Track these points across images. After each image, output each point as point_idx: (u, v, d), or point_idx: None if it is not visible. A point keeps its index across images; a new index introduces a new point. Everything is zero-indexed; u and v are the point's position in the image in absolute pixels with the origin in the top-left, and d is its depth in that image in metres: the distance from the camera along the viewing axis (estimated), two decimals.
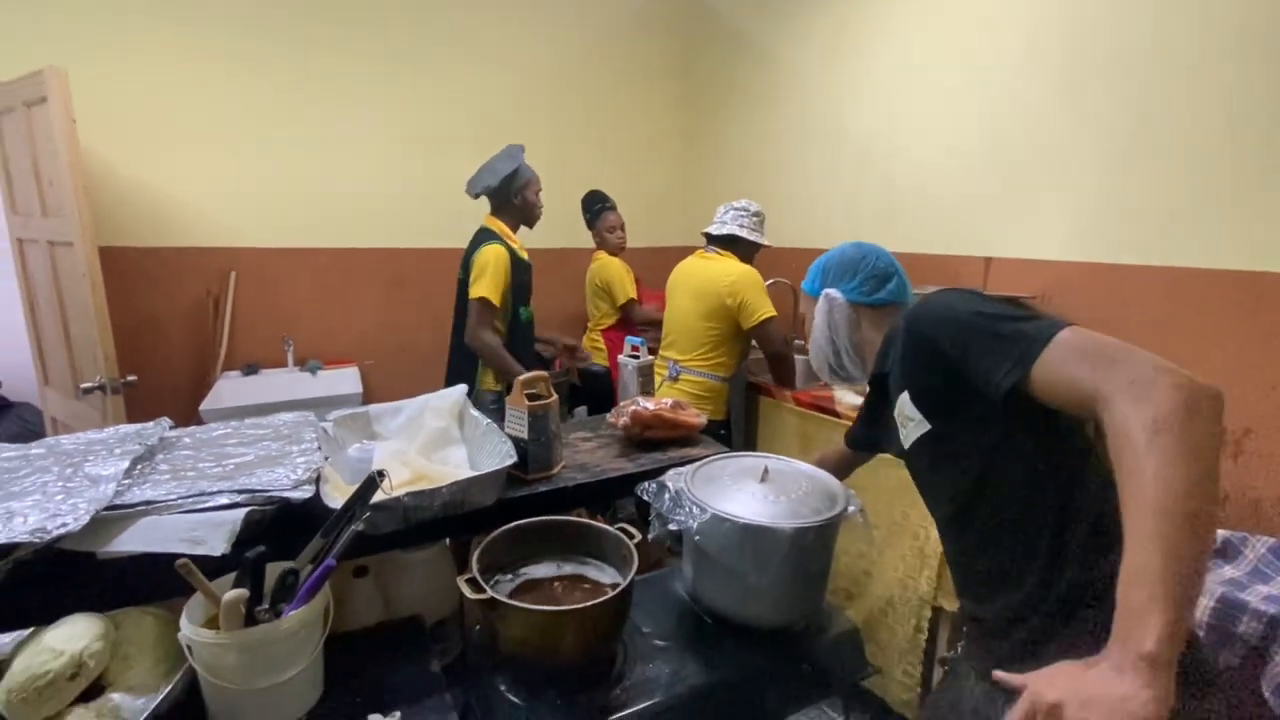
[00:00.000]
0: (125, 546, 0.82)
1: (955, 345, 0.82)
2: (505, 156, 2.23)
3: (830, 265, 1.13)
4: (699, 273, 2.22)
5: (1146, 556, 0.57)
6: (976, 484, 0.87)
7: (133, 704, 0.79)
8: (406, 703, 0.88)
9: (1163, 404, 0.61)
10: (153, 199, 2.48)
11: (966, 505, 0.90)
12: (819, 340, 1.11)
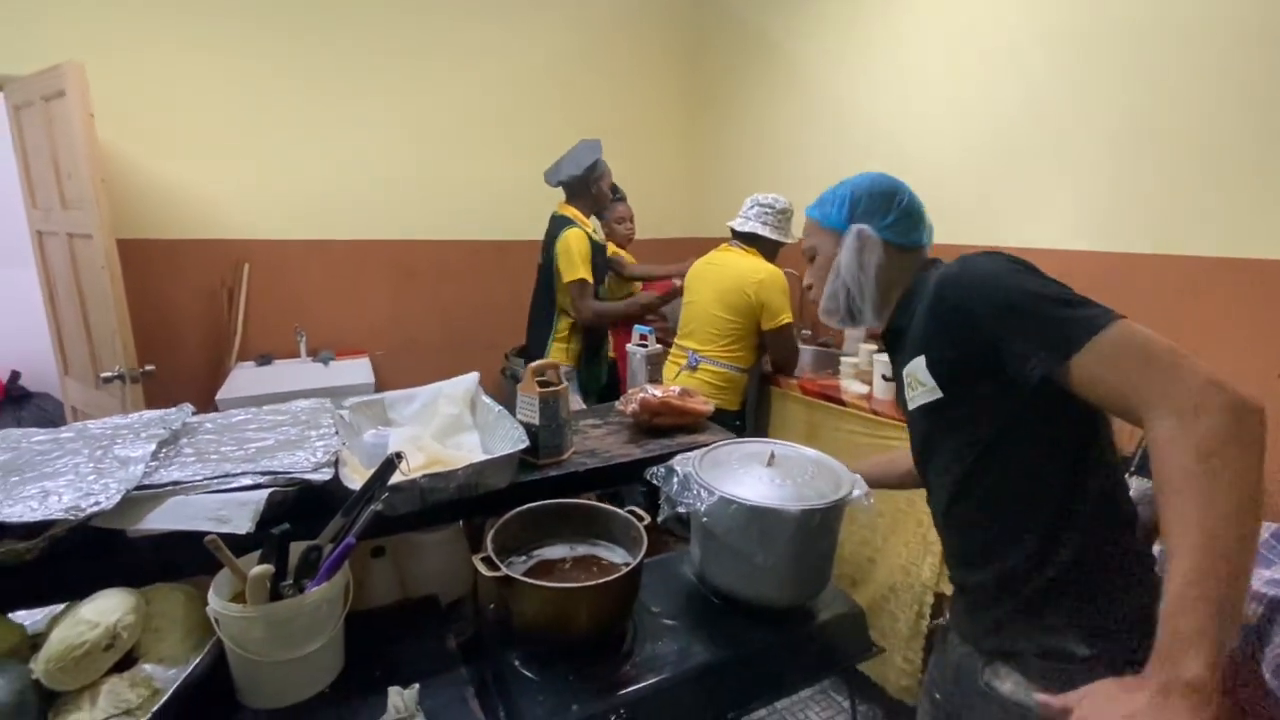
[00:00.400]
0: (154, 524, 0.85)
1: (992, 319, 0.77)
2: (586, 149, 2.42)
3: (860, 196, 0.99)
4: (727, 266, 2.22)
5: (1196, 581, 0.57)
6: (981, 457, 0.85)
7: (164, 674, 0.82)
8: (424, 677, 0.91)
9: (1214, 425, 0.60)
10: (167, 192, 2.52)
11: (966, 474, 0.87)
12: (843, 279, 0.98)
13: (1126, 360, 0.67)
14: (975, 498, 0.88)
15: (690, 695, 0.95)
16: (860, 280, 0.97)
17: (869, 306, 0.98)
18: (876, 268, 0.96)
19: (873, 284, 0.97)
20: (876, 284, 0.96)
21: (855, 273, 0.97)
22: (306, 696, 0.87)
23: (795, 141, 2.88)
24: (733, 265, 2.20)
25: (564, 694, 0.90)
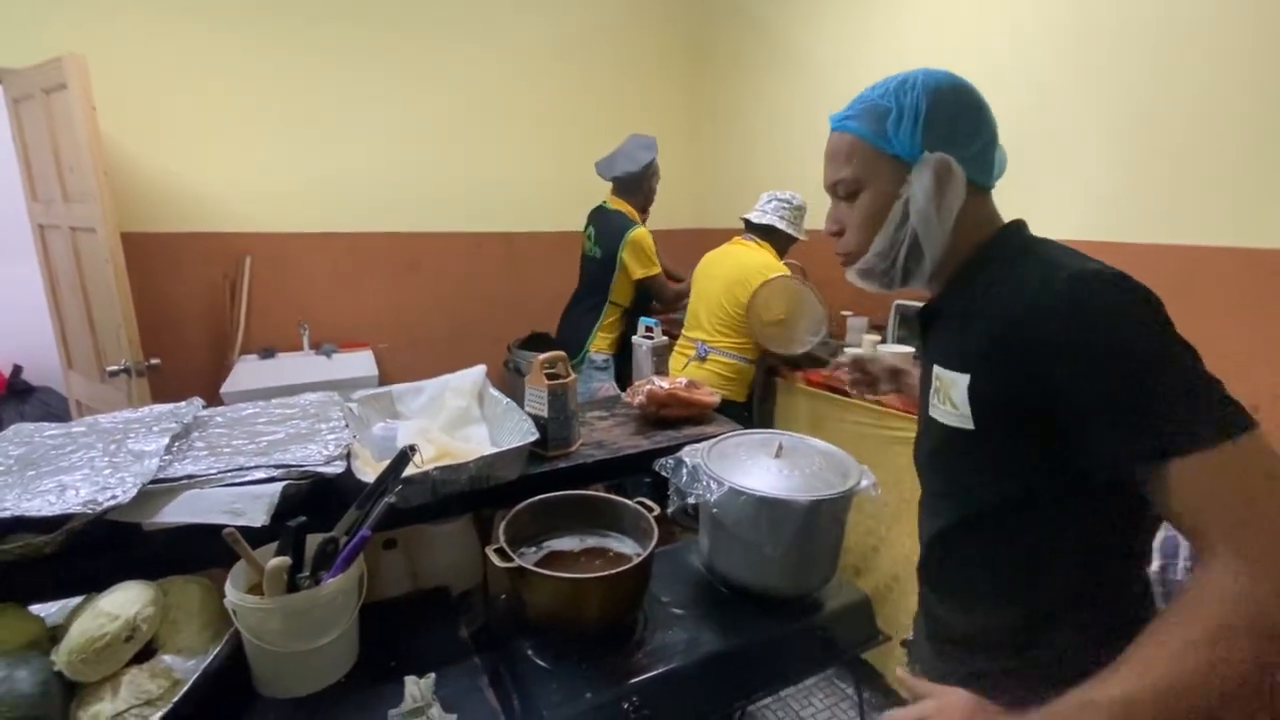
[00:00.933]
0: (170, 517, 0.86)
1: (1092, 387, 0.59)
2: (643, 146, 2.48)
3: (940, 109, 0.71)
4: (738, 259, 2.21)
5: (1144, 691, 0.53)
6: (999, 509, 0.72)
7: (183, 665, 0.83)
8: (438, 666, 0.92)
9: (1266, 607, 0.52)
10: (168, 185, 2.51)
11: (978, 515, 0.74)
12: (913, 228, 0.72)
13: (1232, 484, 0.54)
14: (977, 540, 0.75)
15: (700, 684, 0.97)
16: (934, 232, 0.72)
17: (929, 266, 0.75)
18: (954, 213, 0.72)
19: (948, 238, 0.73)
20: (945, 234, 0.73)
21: (930, 221, 0.71)
22: (323, 686, 0.88)
23: (803, 132, 2.88)
24: (743, 259, 2.20)
25: (577, 682, 0.91)
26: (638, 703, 0.90)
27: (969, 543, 0.77)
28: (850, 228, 0.78)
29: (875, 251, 0.76)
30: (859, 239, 0.77)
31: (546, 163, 3.24)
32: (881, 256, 0.76)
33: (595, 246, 2.49)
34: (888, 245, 0.75)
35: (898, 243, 0.74)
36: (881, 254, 0.76)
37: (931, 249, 0.73)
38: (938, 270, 0.77)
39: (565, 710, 0.87)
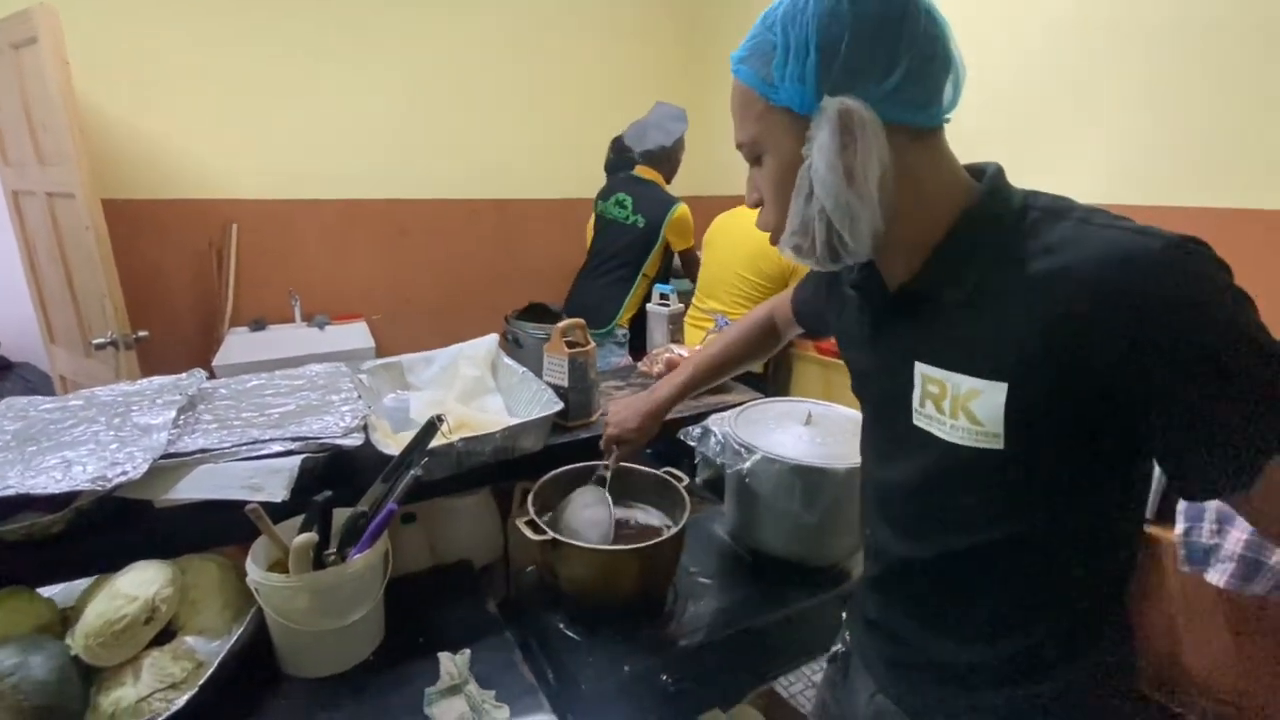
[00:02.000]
0: (185, 494, 0.82)
1: (1186, 379, 0.46)
2: (674, 117, 2.41)
3: (835, 37, 0.52)
4: (753, 226, 2.11)
5: None
6: (1027, 531, 0.58)
7: (206, 646, 0.80)
8: (468, 641, 0.90)
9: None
10: (147, 149, 2.39)
11: (991, 544, 0.59)
12: (823, 195, 0.55)
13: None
14: (983, 571, 0.61)
15: (734, 655, 0.95)
16: (851, 203, 0.54)
17: (862, 244, 0.57)
18: (880, 171, 0.53)
19: (880, 207, 0.55)
20: (876, 198, 0.54)
21: (839, 190, 0.54)
22: (351, 665, 0.86)
23: None
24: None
25: (613, 654, 0.89)
26: (674, 674, 0.88)
27: (973, 573, 0.62)
28: (765, 199, 0.62)
29: (791, 230, 0.59)
30: (775, 212, 0.61)
31: (541, 127, 3.13)
32: (801, 234, 0.58)
33: (635, 215, 2.38)
34: (800, 222, 0.58)
35: (809, 218, 0.57)
36: (799, 231, 0.58)
37: (855, 224, 0.55)
38: (891, 244, 0.59)
39: (604, 683, 0.85)
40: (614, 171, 2.71)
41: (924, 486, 0.63)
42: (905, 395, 0.61)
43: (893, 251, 0.60)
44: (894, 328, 0.64)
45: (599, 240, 2.48)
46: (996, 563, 0.60)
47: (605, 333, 2.35)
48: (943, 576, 0.64)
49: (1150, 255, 0.47)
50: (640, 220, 2.36)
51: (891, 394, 0.63)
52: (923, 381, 0.60)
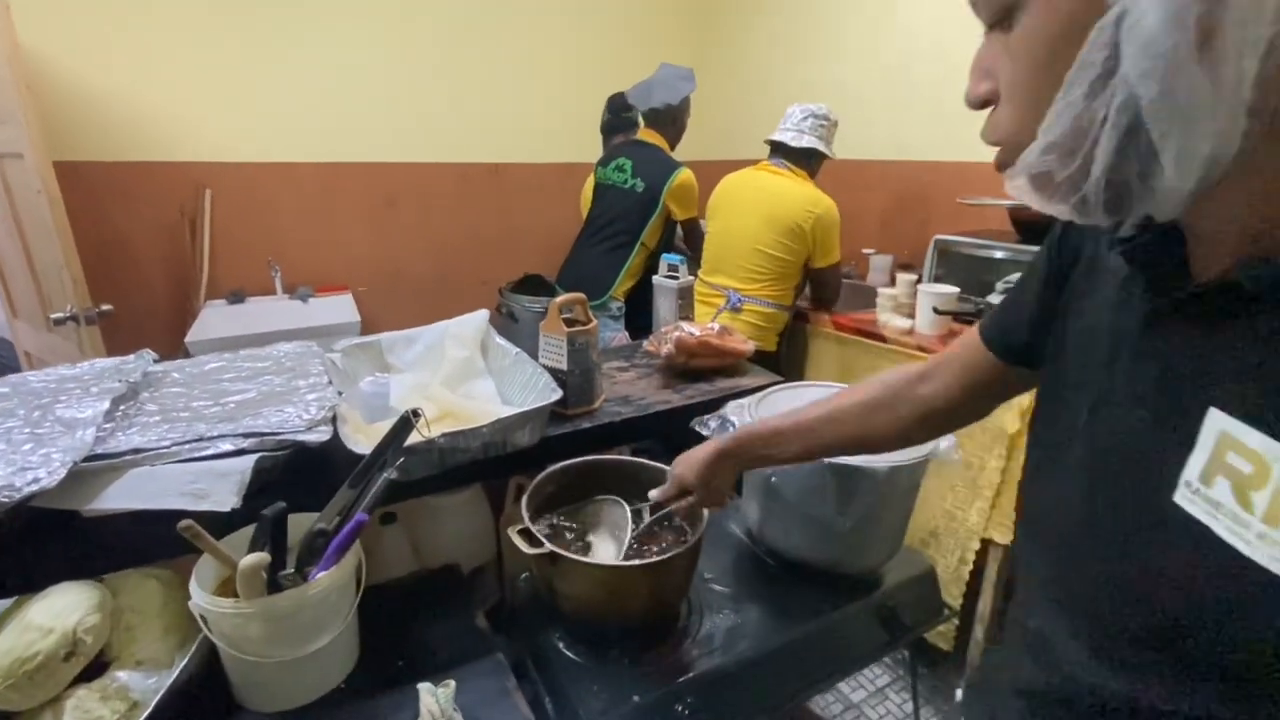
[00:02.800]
0: (113, 504, 0.68)
1: None
2: (682, 77, 2.26)
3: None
4: (775, 193, 1.91)
5: None
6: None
7: (143, 682, 0.68)
8: (455, 665, 0.79)
9: None
10: (108, 108, 2.20)
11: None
12: (1140, 76, 0.30)
13: None
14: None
15: (759, 677, 0.84)
16: (1191, 94, 0.29)
17: (1195, 166, 0.31)
18: (1263, 56, 0.28)
19: (1234, 102, 0.29)
20: (1247, 112, 0.29)
21: (1176, 65, 0.29)
22: (319, 695, 0.74)
23: (824, 50, 2.61)
24: (782, 192, 1.89)
25: (621, 681, 0.78)
26: (692, 703, 0.77)
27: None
28: (1006, 87, 0.38)
29: (1047, 140, 0.34)
30: (1019, 111, 0.37)
31: (539, 85, 2.93)
32: (1064, 149, 0.34)
33: (635, 179, 2.20)
34: (1070, 125, 0.33)
35: (1088, 119, 0.32)
36: (1062, 143, 0.34)
37: (1189, 133, 0.30)
38: (1229, 195, 0.33)
39: (609, 716, 0.74)
40: (610, 134, 2.53)
41: (1177, 606, 0.37)
42: (1168, 454, 0.37)
43: (1223, 209, 0.34)
44: (1178, 344, 0.38)
45: (596, 207, 2.32)
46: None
47: (599, 305, 2.20)
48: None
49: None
50: (640, 184, 2.18)
51: (1135, 445, 0.40)
52: (1219, 445, 0.35)
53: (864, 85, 2.46)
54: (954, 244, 1.78)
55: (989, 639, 1.57)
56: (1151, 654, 0.39)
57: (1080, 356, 0.47)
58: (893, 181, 2.43)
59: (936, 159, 2.24)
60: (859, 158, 2.46)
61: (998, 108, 0.39)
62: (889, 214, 2.47)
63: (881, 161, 2.44)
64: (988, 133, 0.40)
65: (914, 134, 2.30)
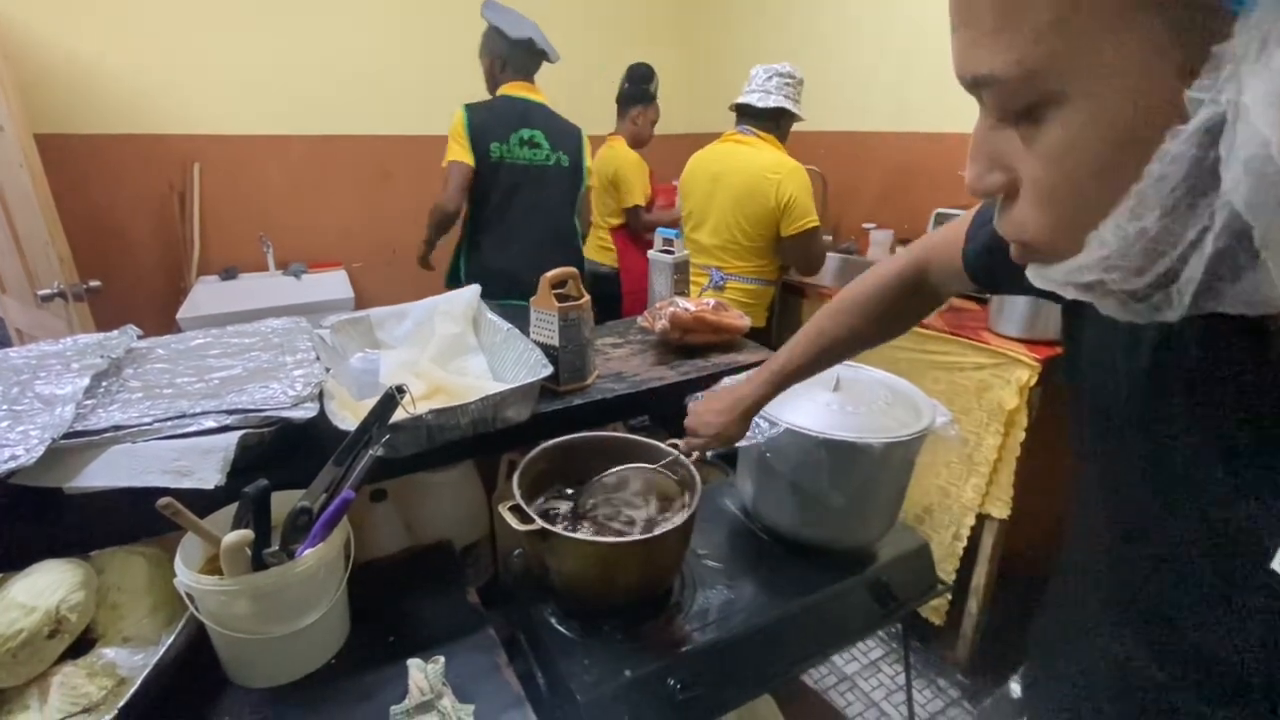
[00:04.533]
0: (95, 481, 0.67)
1: None
2: (507, 16, 1.99)
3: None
4: (739, 166, 1.85)
5: None
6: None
7: (130, 658, 0.67)
8: (445, 641, 0.79)
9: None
10: (91, 79, 2.15)
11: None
12: (1252, 193, 0.24)
13: None
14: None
15: (751, 651, 0.84)
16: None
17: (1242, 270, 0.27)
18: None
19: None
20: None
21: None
22: (308, 671, 0.74)
23: (821, 12, 2.54)
24: (745, 165, 1.84)
25: (612, 656, 0.78)
26: (685, 678, 0.77)
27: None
28: (1030, 188, 0.32)
29: (1101, 255, 0.30)
30: (1055, 219, 0.32)
31: None
32: (1126, 271, 0.30)
33: (556, 153, 2.01)
34: (1142, 248, 0.29)
35: (1174, 244, 0.28)
36: (1121, 265, 0.30)
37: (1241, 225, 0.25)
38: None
39: (601, 690, 0.74)
40: (628, 104, 2.40)
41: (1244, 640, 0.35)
42: (1268, 518, 0.33)
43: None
44: (1263, 377, 0.33)
45: (512, 197, 1.97)
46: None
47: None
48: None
49: None
50: (550, 157, 1.96)
51: (1216, 508, 0.35)
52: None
53: (863, 55, 2.39)
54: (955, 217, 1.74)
55: (981, 614, 1.58)
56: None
57: (1095, 364, 0.42)
58: (893, 154, 2.38)
59: (938, 130, 2.19)
60: (858, 129, 2.41)
61: (1017, 206, 0.33)
62: (890, 187, 2.43)
63: (881, 133, 2.39)
64: (1008, 230, 0.34)
65: (915, 105, 2.25)
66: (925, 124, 2.23)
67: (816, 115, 2.54)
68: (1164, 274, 0.29)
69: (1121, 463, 0.42)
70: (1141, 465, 0.40)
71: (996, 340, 1.46)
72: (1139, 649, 0.43)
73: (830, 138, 2.10)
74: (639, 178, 2.41)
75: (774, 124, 1.88)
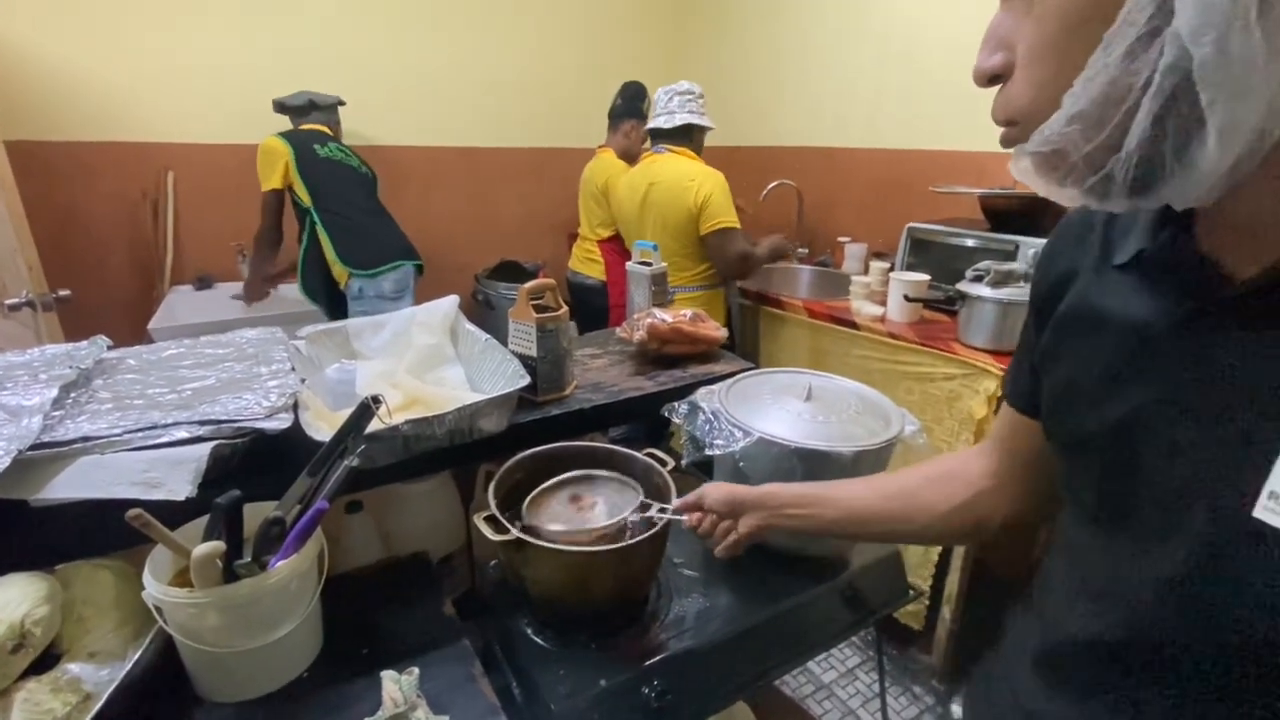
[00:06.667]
0: (63, 493, 0.67)
1: None
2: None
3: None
4: (659, 178, 1.92)
5: None
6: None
7: (96, 674, 0.66)
8: (420, 652, 0.79)
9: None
10: (60, 84, 2.12)
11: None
12: (1194, 34, 0.28)
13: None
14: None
15: (727, 658, 0.85)
16: (1247, 59, 0.28)
17: (1239, 139, 0.29)
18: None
19: (1277, 86, 0.28)
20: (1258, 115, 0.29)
21: (1232, 22, 0.27)
22: (280, 685, 0.73)
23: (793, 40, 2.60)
24: (661, 175, 1.92)
25: (587, 666, 0.78)
26: (659, 686, 0.77)
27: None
28: (1024, 55, 0.36)
29: (1072, 110, 0.33)
30: (1040, 80, 0.35)
31: (511, 67, 2.89)
32: (1091, 119, 0.32)
33: (364, 165, 2.33)
34: (1100, 93, 0.32)
35: (1121, 85, 0.31)
36: (1089, 113, 0.32)
37: (1240, 104, 0.28)
38: (1270, 164, 0.31)
39: (576, 701, 0.74)
40: (619, 119, 2.49)
41: (1263, 625, 0.35)
42: (1242, 469, 0.35)
43: (1266, 196, 0.33)
44: (1232, 349, 0.36)
45: (344, 185, 2.21)
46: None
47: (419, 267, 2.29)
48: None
49: None
50: (367, 169, 2.28)
51: (1195, 464, 0.38)
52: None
53: (839, 75, 2.45)
54: (926, 232, 1.79)
55: (955, 619, 1.61)
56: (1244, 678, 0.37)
57: (1097, 384, 0.44)
58: (868, 170, 2.44)
59: (912, 147, 2.25)
60: (836, 145, 2.47)
61: (1010, 82, 0.37)
62: (864, 202, 2.49)
63: (855, 149, 2.45)
64: (998, 109, 0.39)
65: (888, 123, 2.31)
66: (897, 141, 2.29)
67: (794, 132, 2.60)
68: (1118, 126, 0.32)
69: (1101, 455, 0.44)
70: (1145, 444, 0.41)
71: (965, 351, 1.50)
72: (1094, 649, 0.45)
73: (807, 153, 2.15)
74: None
75: (686, 139, 1.99)
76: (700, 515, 0.80)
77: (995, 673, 0.58)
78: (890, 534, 0.74)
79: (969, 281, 1.50)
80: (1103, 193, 0.34)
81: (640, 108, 2.46)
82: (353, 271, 2.12)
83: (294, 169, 2.07)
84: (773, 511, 0.75)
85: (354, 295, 2.14)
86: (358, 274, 2.12)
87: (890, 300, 1.71)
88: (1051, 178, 0.36)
